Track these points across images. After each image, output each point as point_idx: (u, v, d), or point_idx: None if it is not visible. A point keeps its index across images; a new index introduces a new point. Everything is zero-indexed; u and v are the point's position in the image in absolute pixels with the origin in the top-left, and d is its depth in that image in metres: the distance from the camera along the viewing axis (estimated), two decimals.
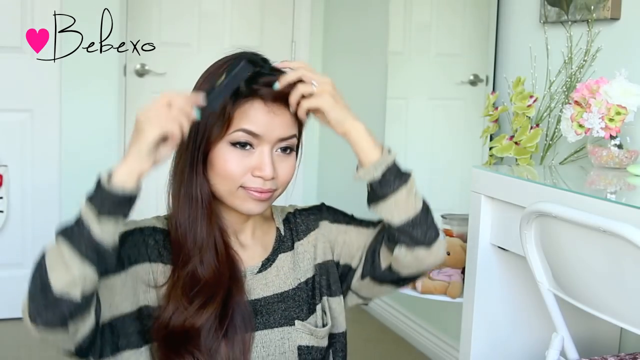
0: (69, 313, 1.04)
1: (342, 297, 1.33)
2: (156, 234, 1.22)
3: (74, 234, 1.04)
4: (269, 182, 1.19)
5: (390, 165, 1.18)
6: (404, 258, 1.21)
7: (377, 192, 1.19)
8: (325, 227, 1.32)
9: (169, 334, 1.17)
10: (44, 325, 1.05)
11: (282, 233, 1.31)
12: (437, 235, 1.21)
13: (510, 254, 1.58)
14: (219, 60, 1.24)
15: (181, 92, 1.10)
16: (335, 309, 1.32)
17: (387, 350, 3.00)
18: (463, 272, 1.93)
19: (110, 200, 1.04)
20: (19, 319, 1.09)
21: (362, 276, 1.30)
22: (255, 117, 1.17)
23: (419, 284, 2.07)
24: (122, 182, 1.04)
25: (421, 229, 1.20)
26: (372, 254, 1.27)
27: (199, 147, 1.18)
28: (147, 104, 1.07)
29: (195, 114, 1.10)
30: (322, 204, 1.36)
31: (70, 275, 1.02)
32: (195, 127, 1.17)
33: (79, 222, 1.04)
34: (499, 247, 1.59)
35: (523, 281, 1.62)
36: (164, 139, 1.07)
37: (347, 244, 1.31)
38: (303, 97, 1.17)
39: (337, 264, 1.32)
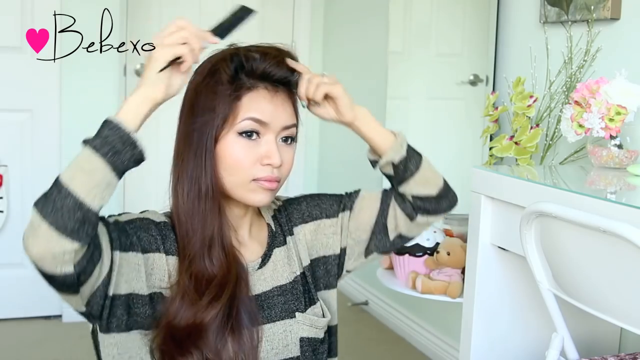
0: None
1: (335, 288, 1.37)
2: (168, 229, 1.22)
3: (51, 196, 1.00)
4: (276, 170, 1.21)
5: (407, 143, 1.30)
6: (425, 224, 1.35)
7: (406, 170, 1.29)
8: (301, 232, 1.35)
9: (175, 329, 1.17)
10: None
11: (274, 229, 1.33)
12: (454, 194, 1.36)
13: (510, 254, 1.58)
14: (206, 61, 1.25)
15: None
16: (330, 302, 1.36)
17: (387, 350, 3.00)
18: (463, 272, 1.93)
19: (113, 136, 1.03)
20: (19, 319, 1.09)
21: (367, 254, 1.37)
22: (261, 105, 1.20)
23: (419, 283, 2.07)
24: (125, 114, 1.05)
25: (450, 194, 1.35)
26: (382, 228, 1.35)
27: (207, 139, 1.19)
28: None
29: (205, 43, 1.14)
30: (303, 204, 1.38)
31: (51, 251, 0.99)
32: (203, 118, 1.19)
33: (58, 183, 1.01)
34: (499, 247, 1.59)
35: (523, 281, 1.62)
36: (176, 64, 1.10)
37: (349, 230, 1.36)
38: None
39: (334, 255, 1.36)
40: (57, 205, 1.00)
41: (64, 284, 1.04)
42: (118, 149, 1.04)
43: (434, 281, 2.06)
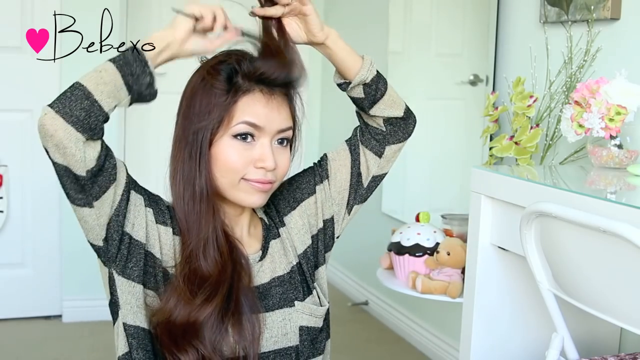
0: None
1: (325, 265, 1.39)
2: (174, 212, 1.25)
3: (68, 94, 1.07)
4: (269, 173, 1.23)
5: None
6: (393, 155, 1.38)
7: (377, 91, 1.32)
8: (292, 220, 1.36)
9: (172, 326, 1.18)
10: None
11: (267, 222, 1.35)
12: (414, 114, 1.40)
13: (510, 254, 1.58)
14: (204, 63, 1.26)
15: None
16: (321, 282, 1.38)
17: (387, 350, 3.00)
18: (463, 272, 1.93)
19: (128, 52, 1.10)
20: (19, 319, 1.09)
21: (349, 210, 1.38)
22: (256, 109, 1.21)
23: (418, 283, 2.07)
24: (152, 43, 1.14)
25: (412, 115, 1.39)
26: (357, 178, 1.37)
27: (201, 141, 1.20)
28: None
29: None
30: (284, 192, 1.39)
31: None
32: (198, 121, 1.20)
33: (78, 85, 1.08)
34: (499, 247, 1.59)
35: (523, 281, 1.62)
36: (197, 30, 1.18)
37: (325, 201, 1.38)
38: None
39: (319, 230, 1.37)
40: (67, 95, 1.07)
41: (78, 183, 1.09)
42: (129, 61, 1.10)
43: (434, 281, 2.06)
